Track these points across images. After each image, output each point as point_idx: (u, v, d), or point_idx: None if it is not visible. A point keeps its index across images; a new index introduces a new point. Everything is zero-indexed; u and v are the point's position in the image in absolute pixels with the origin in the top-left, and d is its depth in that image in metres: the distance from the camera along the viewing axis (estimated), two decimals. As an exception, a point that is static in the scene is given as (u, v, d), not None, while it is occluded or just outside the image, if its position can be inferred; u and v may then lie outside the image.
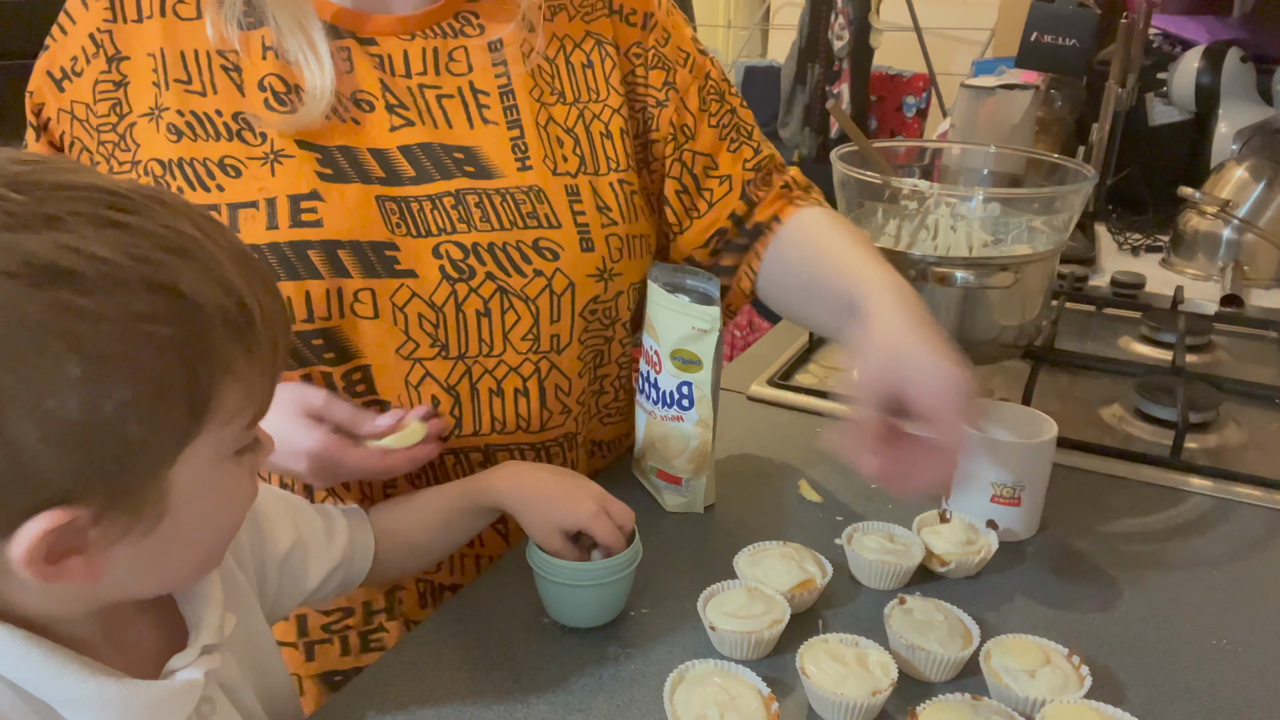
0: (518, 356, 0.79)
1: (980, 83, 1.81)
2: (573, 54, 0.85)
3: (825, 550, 0.78)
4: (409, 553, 0.77)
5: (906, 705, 0.63)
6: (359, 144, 0.77)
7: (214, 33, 0.76)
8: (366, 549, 0.74)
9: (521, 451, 0.83)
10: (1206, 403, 1.04)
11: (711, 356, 0.81)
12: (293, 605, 0.70)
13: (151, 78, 0.76)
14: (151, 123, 0.75)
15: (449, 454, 0.81)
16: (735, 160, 0.91)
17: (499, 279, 0.77)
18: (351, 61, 0.78)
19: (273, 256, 0.73)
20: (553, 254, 0.79)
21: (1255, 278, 1.46)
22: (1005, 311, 1.03)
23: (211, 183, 0.74)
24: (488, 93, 0.81)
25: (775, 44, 4.02)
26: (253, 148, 0.75)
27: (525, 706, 0.65)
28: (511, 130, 0.81)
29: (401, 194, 0.77)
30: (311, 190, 0.74)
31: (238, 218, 0.73)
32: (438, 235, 0.76)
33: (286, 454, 0.70)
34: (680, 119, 0.89)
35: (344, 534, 0.72)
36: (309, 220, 0.74)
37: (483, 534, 0.83)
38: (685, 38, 0.91)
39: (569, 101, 0.84)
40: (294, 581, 0.69)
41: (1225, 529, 0.87)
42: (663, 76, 0.88)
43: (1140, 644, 0.71)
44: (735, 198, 0.91)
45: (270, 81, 0.76)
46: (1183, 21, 1.87)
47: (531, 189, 0.79)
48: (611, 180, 0.84)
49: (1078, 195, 1.03)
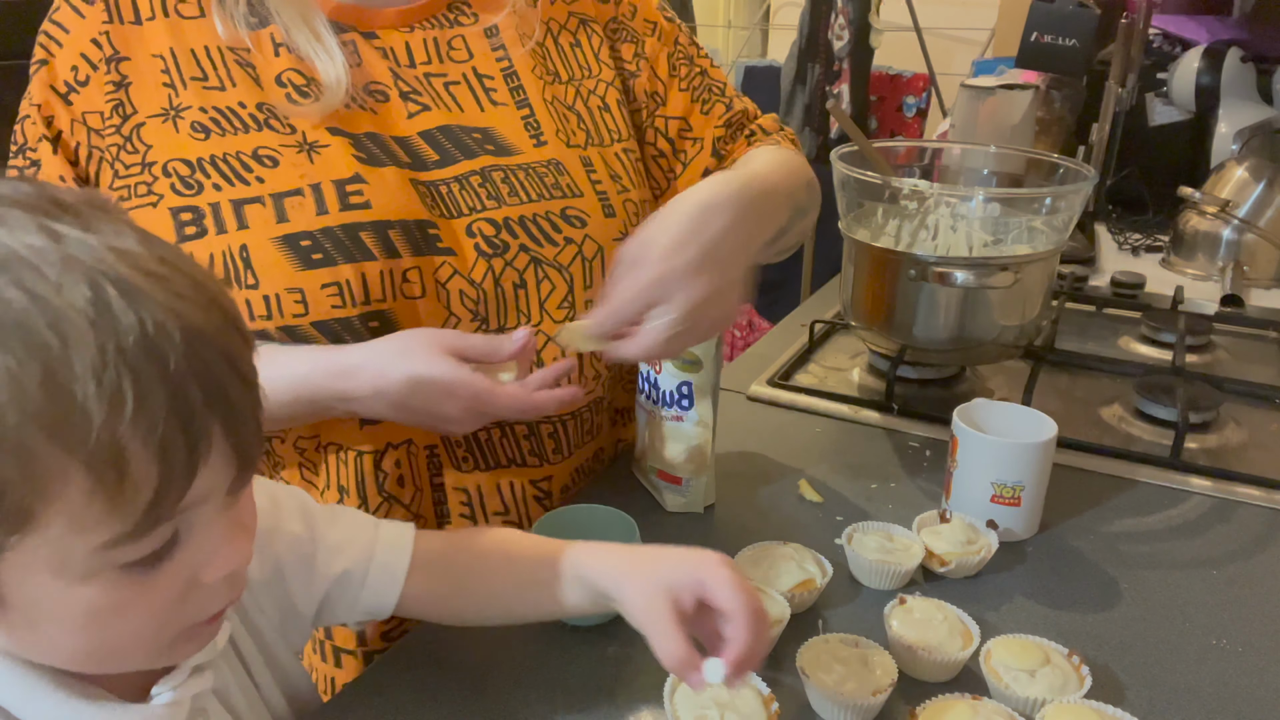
0: (554, 325, 0.80)
1: (980, 83, 1.81)
2: (560, 35, 0.88)
3: (825, 550, 0.78)
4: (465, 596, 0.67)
5: (906, 705, 0.63)
6: (382, 131, 0.78)
7: (224, 30, 0.76)
8: (387, 567, 0.65)
9: (563, 421, 0.84)
10: (1206, 403, 1.04)
11: (711, 356, 0.82)
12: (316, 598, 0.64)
13: (162, 79, 0.76)
14: (168, 123, 0.75)
15: (494, 428, 0.81)
16: (708, 121, 0.93)
17: (532, 250, 0.79)
18: (359, 54, 0.80)
19: (327, 241, 0.73)
20: (580, 221, 0.81)
21: (1255, 278, 1.46)
22: (1005, 311, 1.03)
23: (249, 175, 0.74)
24: (492, 76, 0.83)
25: (775, 44, 4.02)
26: (285, 136, 0.75)
27: (525, 706, 0.65)
28: (521, 109, 0.83)
29: (429, 178, 0.78)
30: (354, 174, 0.75)
31: (284, 206, 0.73)
32: (469, 214, 0.78)
33: (439, 395, 0.68)
34: (651, 86, 0.92)
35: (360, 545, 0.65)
36: (357, 203, 0.74)
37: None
38: (650, 7, 0.94)
39: (565, 80, 0.87)
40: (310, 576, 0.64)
41: (1225, 529, 0.87)
42: (633, 49, 0.92)
43: (1140, 644, 0.71)
44: (707, 155, 0.93)
45: (289, 77, 0.77)
46: (1183, 21, 1.87)
47: (551, 162, 0.82)
48: (617, 150, 0.87)
49: (1078, 195, 1.03)
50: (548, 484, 0.85)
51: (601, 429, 0.90)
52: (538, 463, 0.84)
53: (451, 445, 0.81)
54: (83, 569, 0.42)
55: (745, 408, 1.08)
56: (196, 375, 0.41)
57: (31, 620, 0.44)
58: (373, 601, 0.64)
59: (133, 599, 0.44)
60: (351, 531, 0.65)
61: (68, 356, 0.38)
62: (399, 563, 0.64)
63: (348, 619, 0.65)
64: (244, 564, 0.48)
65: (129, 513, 0.41)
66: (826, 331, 1.27)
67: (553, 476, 0.85)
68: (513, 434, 0.82)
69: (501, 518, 0.84)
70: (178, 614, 0.46)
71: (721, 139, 0.94)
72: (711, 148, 0.93)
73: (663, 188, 0.93)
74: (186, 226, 0.73)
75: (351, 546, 0.64)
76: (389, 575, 0.64)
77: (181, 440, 0.41)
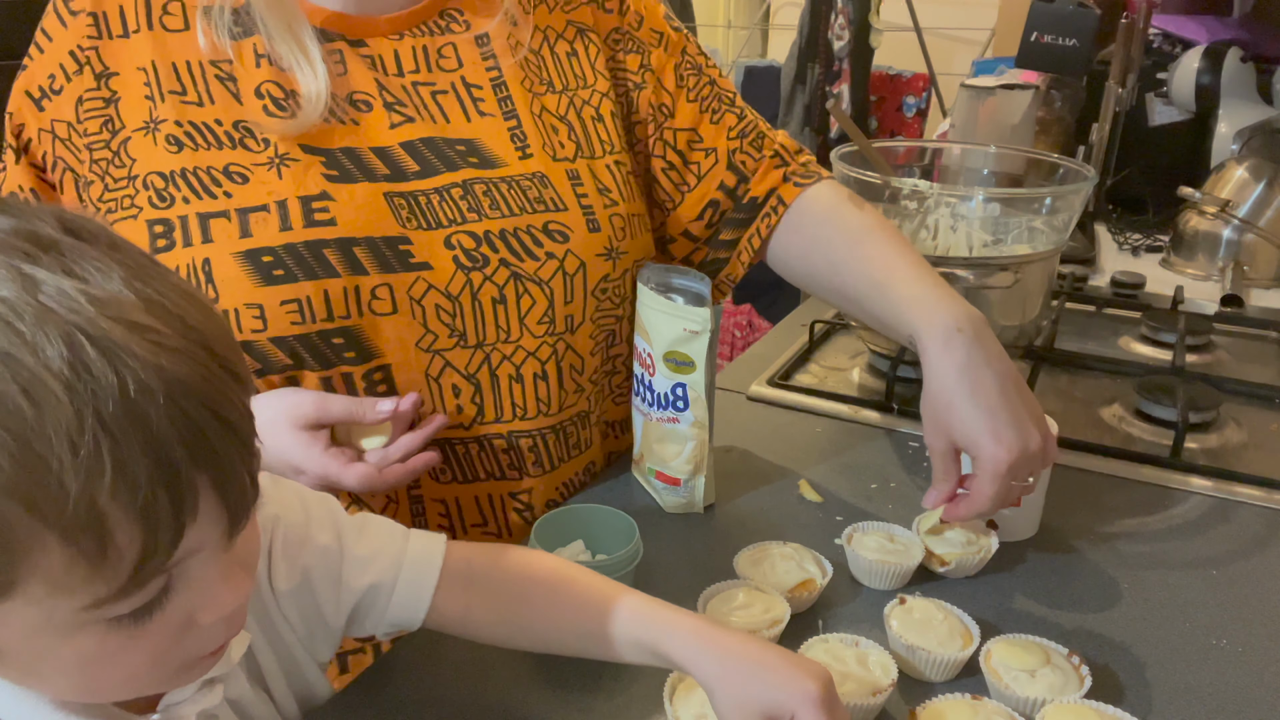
0: (534, 340, 0.80)
1: (980, 83, 1.81)
2: (556, 44, 0.87)
3: (825, 550, 0.78)
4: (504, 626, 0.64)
5: (906, 705, 0.63)
6: (361, 144, 0.77)
7: (206, 42, 0.76)
8: (413, 583, 0.62)
9: (542, 435, 0.83)
10: (1206, 403, 1.04)
11: (704, 358, 0.81)
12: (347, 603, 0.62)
13: (144, 91, 0.76)
14: (148, 136, 0.75)
15: (473, 441, 0.81)
16: (719, 131, 0.93)
17: (512, 265, 0.78)
18: (345, 64, 0.79)
19: (289, 258, 0.73)
20: (562, 236, 0.80)
21: (1255, 278, 1.46)
22: (1005, 311, 1.03)
23: (218, 190, 0.74)
24: (480, 86, 0.82)
25: (775, 44, 4.02)
26: (257, 154, 0.75)
27: (525, 706, 0.65)
28: (509, 121, 0.82)
29: (409, 189, 0.77)
30: (321, 191, 0.74)
31: (249, 222, 0.73)
32: (449, 226, 0.77)
33: (289, 471, 0.71)
34: (658, 99, 0.91)
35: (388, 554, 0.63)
36: (322, 220, 0.74)
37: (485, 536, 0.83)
38: (658, 17, 0.93)
39: (558, 90, 0.86)
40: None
41: (1225, 529, 0.87)
42: (638, 60, 0.91)
43: (1140, 644, 0.71)
44: (722, 168, 0.92)
45: (268, 89, 0.76)
46: (1183, 21, 1.87)
47: (535, 175, 0.81)
48: (608, 162, 0.86)
49: (1078, 195, 1.03)
50: (528, 497, 0.84)
51: (591, 443, 0.89)
52: (517, 476, 0.83)
53: (438, 472, 0.81)
54: (69, 626, 0.41)
55: (745, 408, 1.08)
56: (181, 433, 0.39)
57: (30, 666, 0.43)
58: (399, 616, 0.63)
59: (126, 645, 0.43)
60: (379, 544, 0.63)
61: (42, 424, 0.36)
62: (426, 579, 0.62)
63: (376, 631, 0.64)
64: (243, 602, 0.47)
65: (113, 576, 0.39)
66: (826, 331, 1.27)
67: (533, 490, 0.84)
68: (490, 448, 0.82)
69: (480, 529, 0.84)
70: (175, 653, 0.45)
71: (737, 152, 0.93)
72: (727, 160, 0.92)
73: (675, 200, 0.93)
74: (159, 239, 0.73)
75: (379, 560, 0.62)
76: (415, 591, 0.62)
77: (166, 501, 0.39)
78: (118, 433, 0.37)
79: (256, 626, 0.59)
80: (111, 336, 0.38)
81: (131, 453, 0.38)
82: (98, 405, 0.37)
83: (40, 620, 0.40)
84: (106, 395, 0.37)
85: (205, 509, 0.41)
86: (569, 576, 0.63)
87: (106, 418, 0.37)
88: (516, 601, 0.63)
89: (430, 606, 0.62)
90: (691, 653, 0.56)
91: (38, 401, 0.36)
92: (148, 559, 0.40)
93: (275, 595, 0.59)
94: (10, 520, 0.37)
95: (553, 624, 0.62)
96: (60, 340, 0.37)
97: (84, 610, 0.40)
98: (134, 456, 0.38)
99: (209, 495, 0.41)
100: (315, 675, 0.64)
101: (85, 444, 0.37)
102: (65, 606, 0.40)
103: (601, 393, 0.90)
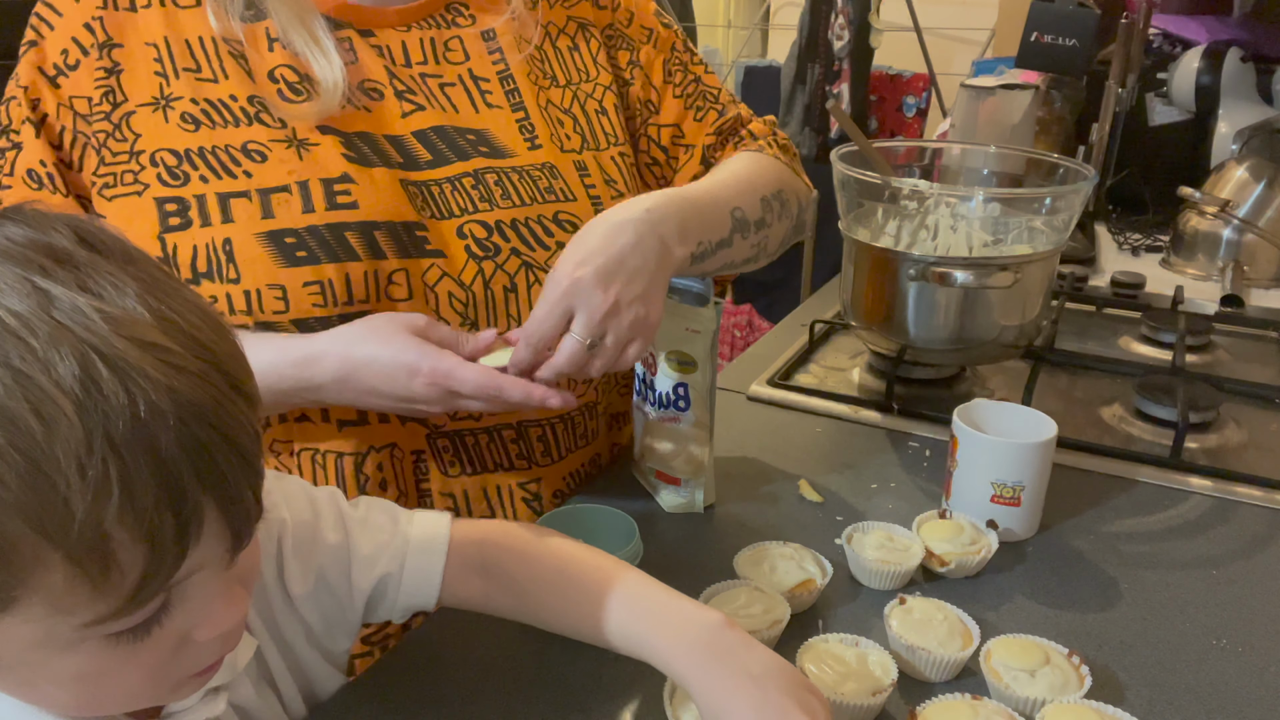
0: None
1: (980, 83, 1.81)
2: (558, 39, 0.88)
3: (825, 550, 0.78)
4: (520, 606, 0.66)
5: (906, 705, 0.63)
6: (375, 130, 0.78)
7: (218, 23, 0.76)
8: (420, 570, 0.64)
9: (551, 425, 0.84)
10: (1206, 403, 1.04)
11: (706, 357, 0.81)
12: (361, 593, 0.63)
13: (154, 67, 0.76)
14: (158, 113, 0.75)
15: (483, 432, 0.81)
16: (700, 128, 0.94)
17: (524, 254, 0.79)
18: (355, 52, 0.80)
19: (312, 239, 0.73)
20: (573, 225, 0.80)
21: (1255, 278, 1.46)
22: (1005, 311, 1.03)
23: (237, 169, 0.74)
24: (488, 79, 0.83)
25: (775, 44, 4.02)
26: (275, 130, 0.75)
27: (525, 706, 0.65)
28: (516, 113, 0.83)
29: (421, 178, 0.78)
30: (342, 174, 0.75)
31: (270, 202, 0.73)
32: (460, 216, 0.78)
33: (402, 375, 0.68)
34: (645, 94, 0.92)
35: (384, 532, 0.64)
36: (344, 203, 0.74)
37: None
38: (648, 14, 0.94)
39: (562, 84, 0.87)
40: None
41: (1225, 529, 0.87)
42: (628, 56, 0.92)
43: (1140, 644, 0.71)
44: (696, 163, 0.93)
45: (282, 73, 0.77)
46: (1183, 21, 1.87)
47: (545, 165, 0.82)
48: (613, 154, 0.87)
49: (1078, 195, 1.03)
50: (536, 486, 0.85)
51: (597, 434, 0.90)
52: (526, 465, 0.84)
53: (438, 449, 0.81)
54: (67, 641, 0.41)
55: (745, 408, 1.08)
56: (190, 456, 0.39)
57: (28, 680, 0.43)
58: (411, 602, 0.64)
59: (122, 661, 0.43)
60: (383, 536, 0.63)
61: (51, 444, 0.36)
62: (433, 565, 0.63)
63: (391, 617, 0.65)
64: (241, 619, 0.46)
65: (114, 595, 0.39)
66: (826, 331, 1.27)
67: (542, 479, 0.85)
68: (500, 438, 0.82)
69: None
70: (171, 669, 0.45)
71: (711, 146, 0.94)
72: (701, 155, 0.93)
73: None
74: (171, 217, 0.73)
75: (384, 552, 0.63)
76: (424, 577, 0.63)
77: (171, 523, 0.39)
78: (127, 455, 0.37)
79: (263, 628, 0.59)
80: (125, 356, 0.38)
81: (140, 476, 0.37)
82: (108, 426, 0.37)
83: (38, 636, 0.40)
84: (117, 416, 0.37)
85: (210, 530, 0.41)
86: (573, 559, 0.65)
87: (116, 439, 0.37)
88: (524, 584, 0.64)
89: (442, 584, 0.63)
90: (679, 662, 0.57)
91: (48, 420, 0.36)
92: (149, 579, 0.39)
93: (290, 598, 0.59)
94: (14, 538, 0.37)
95: (559, 608, 0.64)
96: (73, 359, 0.37)
97: (83, 627, 0.40)
98: (142, 480, 0.38)
99: (214, 516, 0.41)
100: (324, 671, 0.64)
101: (94, 465, 0.36)
102: (64, 624, 0.40)
103: (608, 384, 0.90)
